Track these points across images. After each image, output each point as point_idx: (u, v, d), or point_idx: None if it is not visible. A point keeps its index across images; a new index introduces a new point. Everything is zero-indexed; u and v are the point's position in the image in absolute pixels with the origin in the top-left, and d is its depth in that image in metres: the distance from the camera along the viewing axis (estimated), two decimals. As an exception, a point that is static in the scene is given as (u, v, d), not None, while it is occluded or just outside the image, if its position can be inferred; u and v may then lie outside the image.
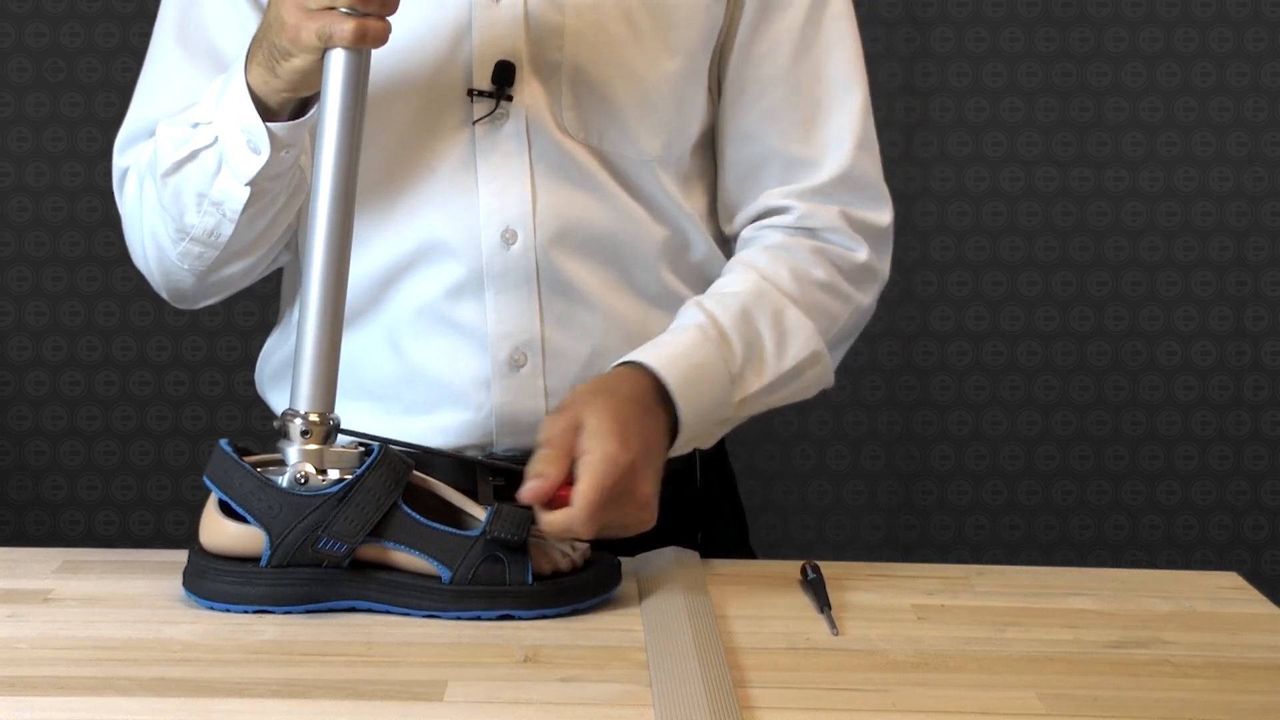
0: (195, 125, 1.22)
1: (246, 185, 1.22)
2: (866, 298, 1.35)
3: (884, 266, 1.36)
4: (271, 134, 1.19)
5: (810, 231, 1.33)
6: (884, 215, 1.35)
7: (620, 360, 1.24)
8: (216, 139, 1.21)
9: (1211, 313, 2.68)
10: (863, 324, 1.37)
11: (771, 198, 1.34)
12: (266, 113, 1.19)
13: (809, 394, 1.32)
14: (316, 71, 1.16)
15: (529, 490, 1.11)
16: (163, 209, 1.26)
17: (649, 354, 1.23)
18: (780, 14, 1.33)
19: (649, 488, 1.16)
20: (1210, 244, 2.67)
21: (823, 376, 1.32)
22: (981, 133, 2.65)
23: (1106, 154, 2.65)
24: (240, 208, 1.23)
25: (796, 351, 1.28)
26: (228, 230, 1.25)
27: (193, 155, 1.23)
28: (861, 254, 1.33)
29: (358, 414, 1.30)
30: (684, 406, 1.22)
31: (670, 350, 1.23)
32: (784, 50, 1.33)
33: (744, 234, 1.36)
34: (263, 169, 1.20)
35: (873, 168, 1.35)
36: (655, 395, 1.21)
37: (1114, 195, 2.66)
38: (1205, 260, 2.67)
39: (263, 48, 1.16)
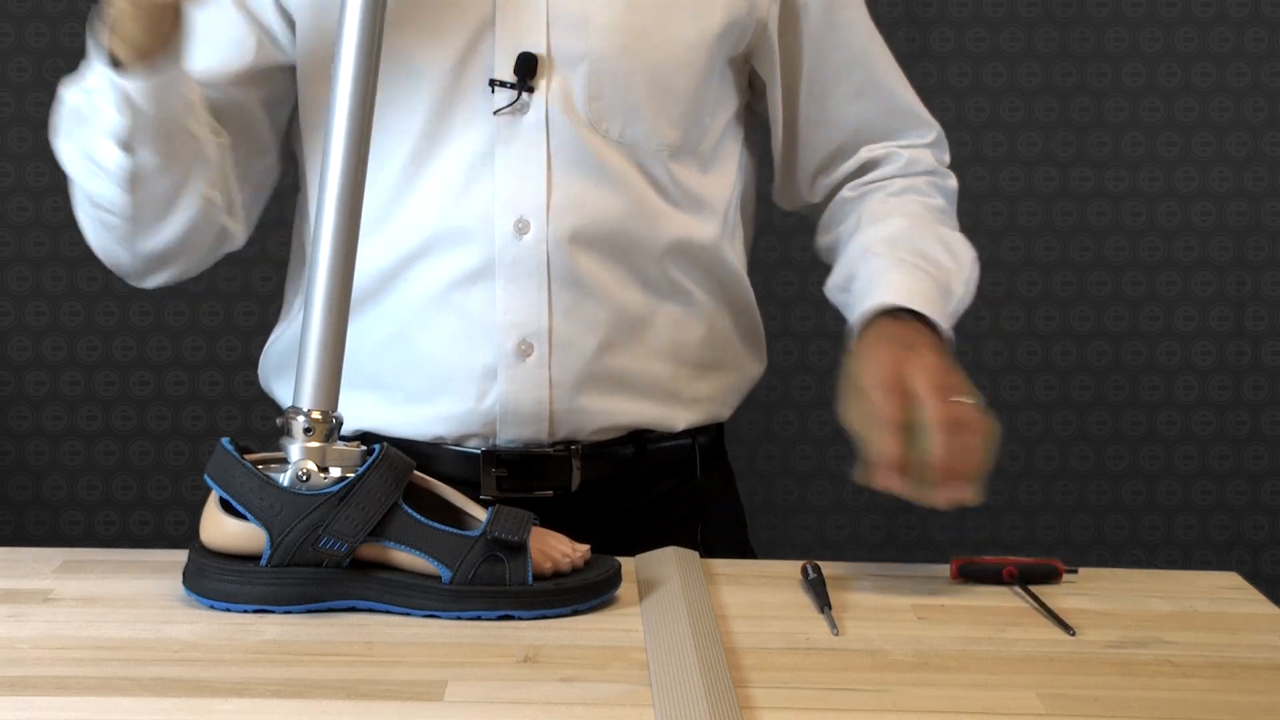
0: (87, 91, 1.22)
1: (120, 146, 1.21)
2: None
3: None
4: (124, 90, 1.18)
5: (917, 172, 1.43)
6: (943, 142, 1.47)
7: (864, 312, 1.27)
8: (92, 99, 1.21)
9: (1211, 313, 2.68)
10: None
11: (873, 150, 1.43)
12: (135, 67, 1.19)
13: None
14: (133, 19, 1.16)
15: (884, 473, 1.19)
16: (70, 175, 1.26)
17: (879, 296, 1.27)
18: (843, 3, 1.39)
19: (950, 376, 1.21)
20: (1210, 244, 2.67)
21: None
22: (981, 132, 2.65)
23: (1106, 154, 2.65)
24: (121, 170, 1.22)
25: (966, 252, 1.37)
26: (119, 197, 1.23)
27: (75, 115, 1.23)
28: (953, 181, 1.46)
29: (359, 403, 1.30)
30: (933, 315, 1.27)
31: (892, 285, 1.28)
32: (858, 33, 1.40)
33: (844, 193, 1.43)
34: (129, 127, 1.19)
35: (924, 109, 1.47)
36: (911, 320, 1.27)
37: (1114, 195, 2.66)
38: (1205, 260, 2.67)
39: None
